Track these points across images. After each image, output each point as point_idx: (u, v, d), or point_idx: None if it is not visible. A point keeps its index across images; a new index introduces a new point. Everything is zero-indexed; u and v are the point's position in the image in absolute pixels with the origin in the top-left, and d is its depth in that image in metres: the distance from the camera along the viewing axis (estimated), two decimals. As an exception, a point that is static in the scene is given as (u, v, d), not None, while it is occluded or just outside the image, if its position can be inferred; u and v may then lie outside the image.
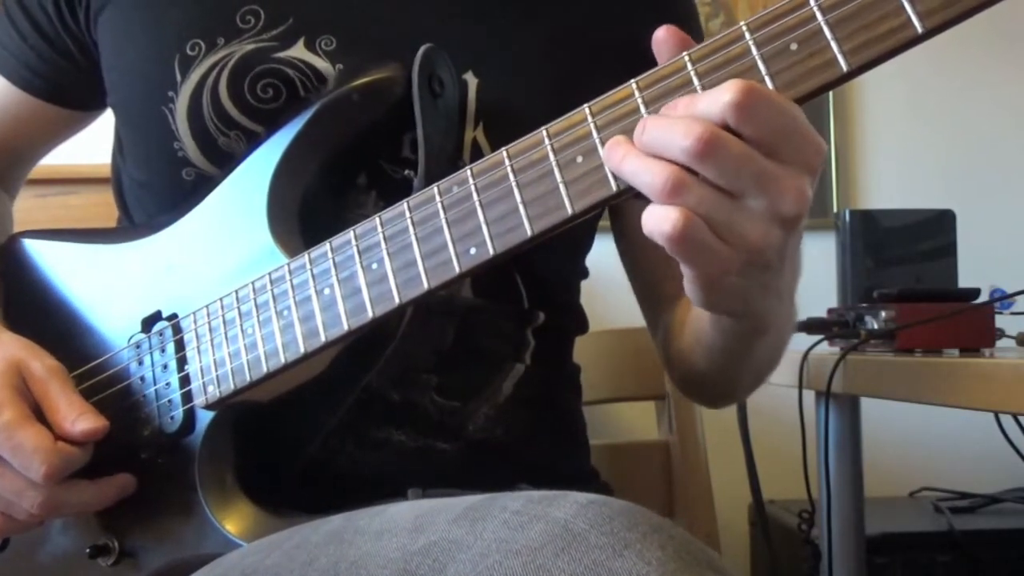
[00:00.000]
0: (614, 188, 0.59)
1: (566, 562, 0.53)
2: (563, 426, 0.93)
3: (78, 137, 1.01)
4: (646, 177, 0.56)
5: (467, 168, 0.65)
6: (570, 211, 0.61)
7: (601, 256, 0.97)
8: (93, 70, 0.88)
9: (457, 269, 0.65)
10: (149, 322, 0.79)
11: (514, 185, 0.62)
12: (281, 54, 0.79)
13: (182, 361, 0.77)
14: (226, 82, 0.79)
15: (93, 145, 1.12)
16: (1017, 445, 1.68)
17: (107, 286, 0.84)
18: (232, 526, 0.74)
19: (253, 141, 0.79)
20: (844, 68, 0.54)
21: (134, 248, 0.83)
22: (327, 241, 0.71)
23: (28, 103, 0.93)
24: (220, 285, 0.76)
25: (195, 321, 0.77)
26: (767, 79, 0.56)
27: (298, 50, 0.80)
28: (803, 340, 1.33)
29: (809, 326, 1.32)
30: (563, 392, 0.93)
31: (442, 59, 0.77)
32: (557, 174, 0.61)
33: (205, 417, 0.76)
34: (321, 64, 0.79)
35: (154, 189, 0.86)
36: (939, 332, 1.23)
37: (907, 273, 1.51)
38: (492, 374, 0.85)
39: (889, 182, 2.23)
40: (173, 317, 0.78)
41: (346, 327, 0.69)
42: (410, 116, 0.76)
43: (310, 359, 0.71)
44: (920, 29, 0.53)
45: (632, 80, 0.59)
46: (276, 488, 0.78)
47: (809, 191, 0.57)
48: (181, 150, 0.81)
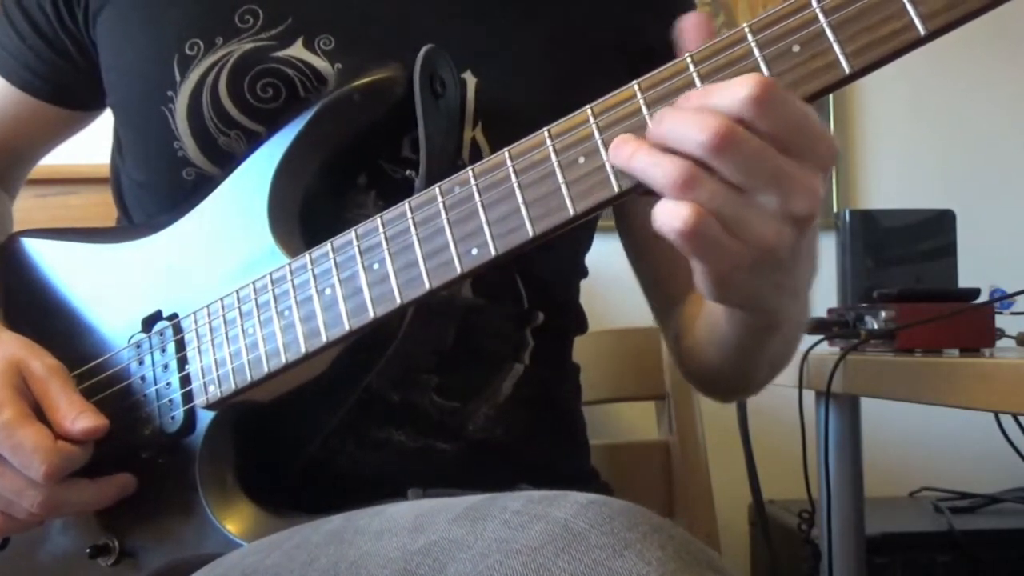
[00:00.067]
0: (616, 189, 0.59)
1: (566, 562, 0.53)
2: (563, 426, 0.93)
3: (78, 137, 1.01)
4: (657, 172, 0.55)
5: (469, 168, 0.65)
6: (572, 212, 0.61)
7: (601, 256, 0.97)
8: (92, 70, 0.88)
9: (459, 269, 0.65)
10: (149, 322, 0.79)
11: (516, 186, 0.63)
12: (280, 53, 0.79)
13: (183, 361, 0.77)
14: (225, 81, 0.79)
15: (93, 145, 1.12)
16: (1017, 445, 1.68)
17: (107, 286, 0.84)
18: (232, 526, 0.74)
19: (253, 141, 0.79)
20: (846, 70, 0.54)
21: (134, 248, 0.83)
22: (328, 241, 0.71)
23: (28, 104, 0.93)
24: (221, 285, 0.75)
25: (196, 321, 0.76)
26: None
27: (297, 49, 0.80)
28: (803, 340, 1.32)
29: (809, 326, 1.32)
30: (563, 392, 0.93)
31: (443, 59, 0.77)
32: (559, 175, 0.61)
33: (206, 417, 0.76)
34: (320, 64, 0.79)
35: (154, 189, 0.86)
36: (939, 332, 1.23)
37: (907, 273, 1.51)
38: (492, 374, 0.85)
39: (889, 182, 2.23)
40: (174, 317, 0.78)
41: (347, 327, 0.69)
42: (410, 116, 0.76)
43: (311, 359, 0.71)
44: (922, 31, 0.53)
45: (634, 81, 0.59)
46: (276, 488, 0.78)
47: (821, 190, 0.56)
48: (181, 150, 0.81)
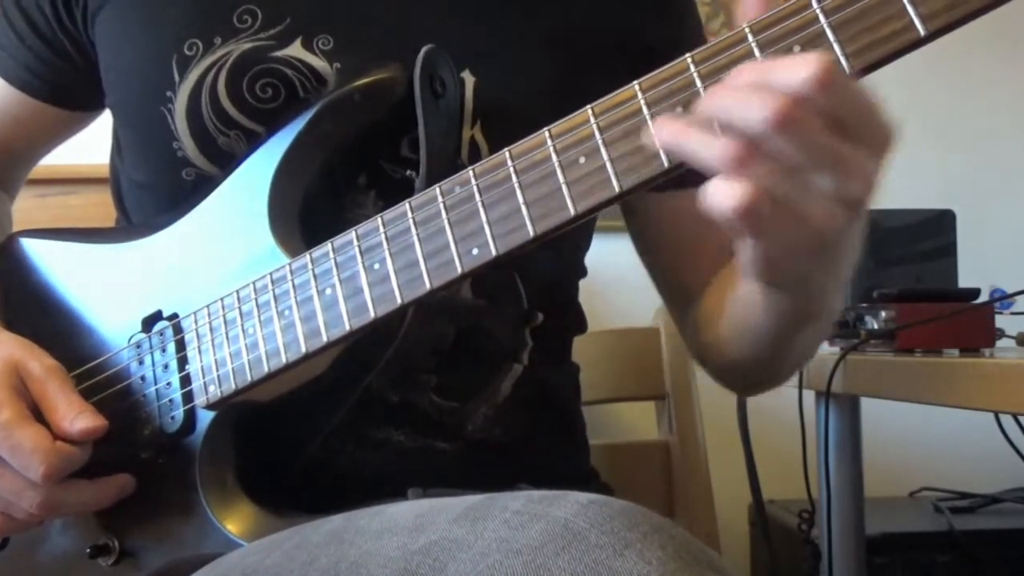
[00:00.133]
0: (616, 189, 0.59)
1: (566, 561, 0.53)
2: (562, 426, 0.93)
3: (78, 137, 1.00)
4: (709, 150, 0.53)
5: (469, 168, 0.65)
6: (572, 212, 0.61)
7: (601, 256, 0.97)
8: (92, 71, 0.88)
9: (459, 269, 0.65)
10: (149, 322, 0.79)
11: (516, 186, 0.63)
12: (279, 53, 0.79)
13: (183, 361, 0.77)
14: (224, 81, 0.79)
15: (93, 145, 1.12)
16: (1017, 445, 1.68)
17: (107, 286, 0.83)
18: (233, 526, 0.74)
19: (253, 140, 0.79)
20: (847, 70, 0.54)
21: (134, 248, 0.82)
22: (329, 241, 0.71)
23: (27, 104, 0.93)
24: (221, 285, 0.75)
25: (196, 321, 0.76)
26: (769, 80, 0.56)
27: (295, 49, 0.79)
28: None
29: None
30: (562, 392, 0.93)
31: (443, 59, 0.77)
32: (559, 175, 0.61)
33: (206, 417, 0.76)
34: (319, 63, 0.79)
35: (154, 189, 0.86)
36: (939, 332, 1.23)
37: (907, 273, 1.51)
38: (491, 374, 0.85)
39: (889, 182, 2.23)
40: (174, 317, 0.78)
41: (348, 327, 0.69)
42: (410, 116, 0.76)
43: (311, 359, 0.71)
44: (923, 32, 0.53)
45: (635, 81, 0.59)
46: (276, 488, 0.78)
47: (877, 175, 0.55)
48: (180, 150, 0.81)
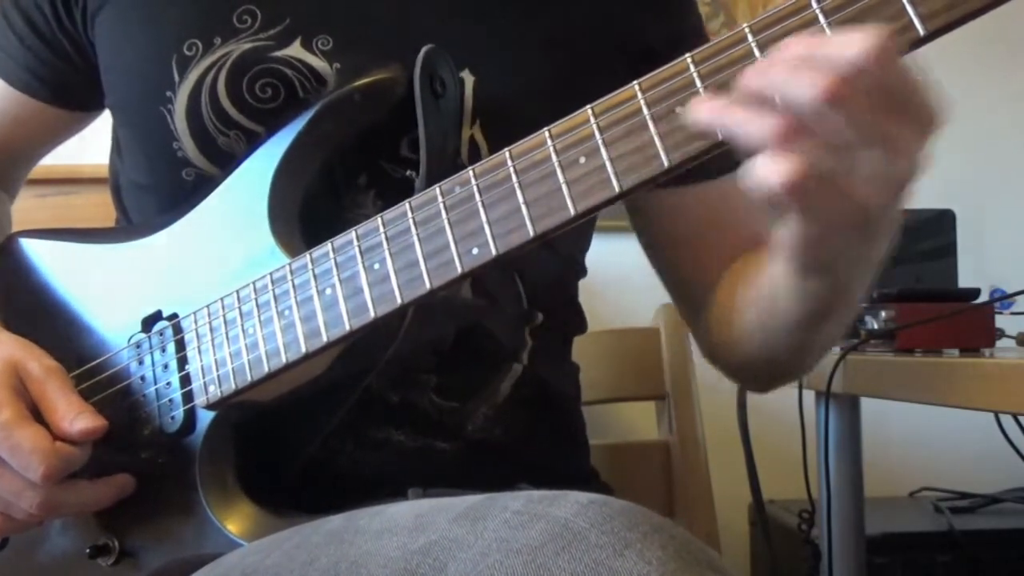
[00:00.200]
0: (616, 189, 0.59)
1: (567, 561, 0.53)
2: (562, 426, 0.93)
3: (78, 137, 1.00)
4: (755, 125, 0.53)
5: (469, 168, 0.65)
6: (572, 212, 0.61)
7: (601, 256, 0.96)
8: (91, 71, 0.88)
9: (459, 269, 0.65)
10: (149, 322, 0.79)
11: (516, 186, 0.63)
12: (278, 53, 0.79)
13: (183, 361, 0.77)
14: (224, 82, 0.79)
15: (93, 145, 1.12)
16: (1017, 445, 1.68)
17: (107, 286, 0.83)
18: (233, 526, 0.74)
19: (253, 141, 0.79)
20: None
21: (134, 248, 0.82)
22: (329, 241, 0.71)
23: (28, 105, 0.93)
24: (221, 285, 0.75)
25: (196, 321, 0.76)
26: (769, 80, 0.56)
27: (295, 49, 0.79)
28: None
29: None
30: (562, 392, 0.93)
31: (443, 59, 0.77)
32: (559, 175, 0.61)
33: (206, 417, 0.76)
34: (318, 63, 0.79)
35: (154, 189, 0.86)
36: (939, 332, 1.23)
37: (907, 273, 1.51)
38: (490, 374, 0.85)
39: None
40: (174, 317, 0.78)
41: (348, 327, 0.69)
42: (410, 116, 0.76)
43: (311, 359, 0.71)
44: (922, 31, 0.53)
45: (635, 81, 0.59)
46: (276, 488, 0.78)
47: (923, 154, 0.54)
48: (180, 150, 0.81)
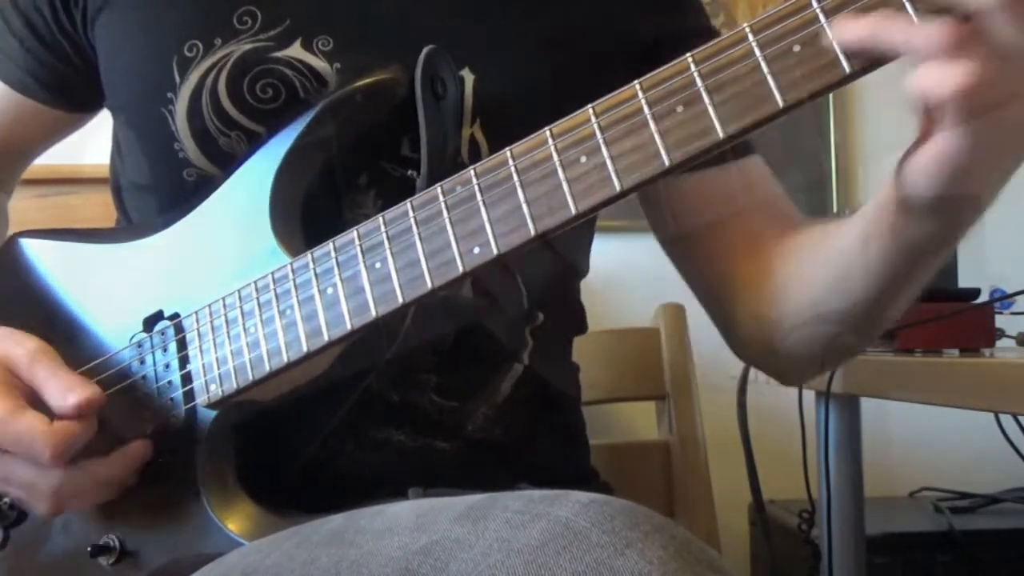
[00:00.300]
0: (617, 188, 0.59)
1: (568, 561, 0.53)
2: (563, 426, 0.93)
3: (78, 137, 1.01)
4: (921, 35, 0.51)
5: (470, 168, 0.65)
6: (573, 211, 0.61)
7: (601, 256, 0.96)
8: (91, 72, 0.88)
9: (460, 268, 0.65)
10: (151, 321, 0.79)
11: (517, 185, 0.63)
12: (279, 54, 0.79)
13: (184, 360, 0.77)
14: (225, 82, 0.79)
15: (93, 145, 1.12)
16: (1017, 445, 1.68)
17: (108, 285, 0.83)
18: (234, 525, 0.74)
19: (254, 141, 0.79)
20: (847, 69, 0.54)
21: (136, 247, 0.83)
22: (330, 240, 0.71)
23: (26, 106, 0.93)
24: (222, 284, 0.75)
25: (197, 320, 0.76)
26: (770, 80, 0.56)
27: (295, 50, 0.79)
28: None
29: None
30: (563, 392, 0.93)
31: (444, 60, 0.77)
32: (560, 174, 0.61)
33: (207, 416, 0.76)
34: (319, 64, 0.79)
35: (155, 190, 0.86)
36: (939, 332, 1.23)
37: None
38: (491, 374, 0.85)
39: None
40: (175, 316, 0.78)
41: (349, 326, 0.69)
42: (411, 115, 0.76)
43: (312, 358, 0.71)
44: (923, 30, 0.53)
45: (636, 81, 0.59)
46: (277, 488, 0.78)
47: None
48: (182, 151, 0.81)
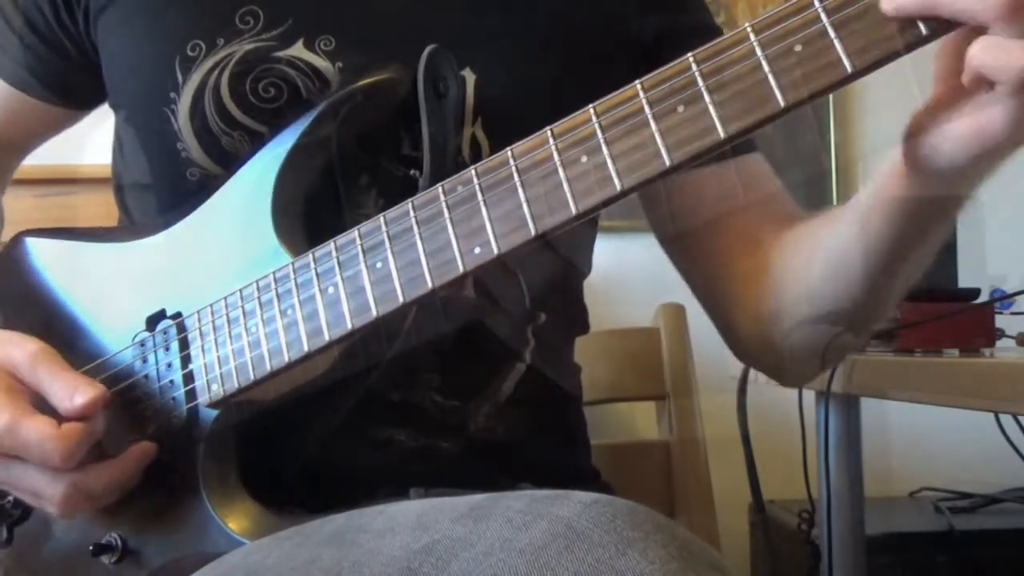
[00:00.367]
0: (618, 187, 0.59)
1: (569, 560, 0.53)
2: (564, 426, 0.93)
3: (78, 137, 1.01)
4: (986, 2, 0.51)
5: (471, 168, 0.65)
6: (574, 210, 0.61)
7: (601, 256, 0.96)
8: (92, 70, 0.88)
9: (461, 268, 0.65)
10: (153, 320, 0.79)
11: (518, 184, 0.63)
12: (281, 53, 0.79)
13: (186, 359, 0.77)
14: (227, 82, 0.79)
15: (93, 145, 1.13)
16: (1017, 445, 1.68)
17: (111, 284, 0.83)
18: (235, 524, 0.74)
19: (257, 140, 0.79)
20: (849, 69, 0.54)
21: (138, 247, 0.83)
22: (331, 240, 0.71)
23: (25, 102, 0.93)
24: (224, 284, 0.75)
25: (199, 319, 0.77)
26: (771, 79, 0.56)
27: (298, 49, 0.79)
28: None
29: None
30: (564, 392, 0.93)
31: (446, 60, 0.77)
32: (561, 173, 0.61)
33: (208, 415, 0.76)
34: (321, 63, 0.79)
35: (157, 190, 0.86)
36: (939, 332, 1.24)
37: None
38: (493, 374, 0.85)
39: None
40: (177, 315, 0.78)
41: (350, 326, 0.69)
42: (412, 115, 0.76)
43: (313, 358, 0.72)
44: (925, 31, 0.53)
45: (637, 81, 0.59)
46: (278, 487, 0.78)
47: None
48: (184, 150, 0.81)
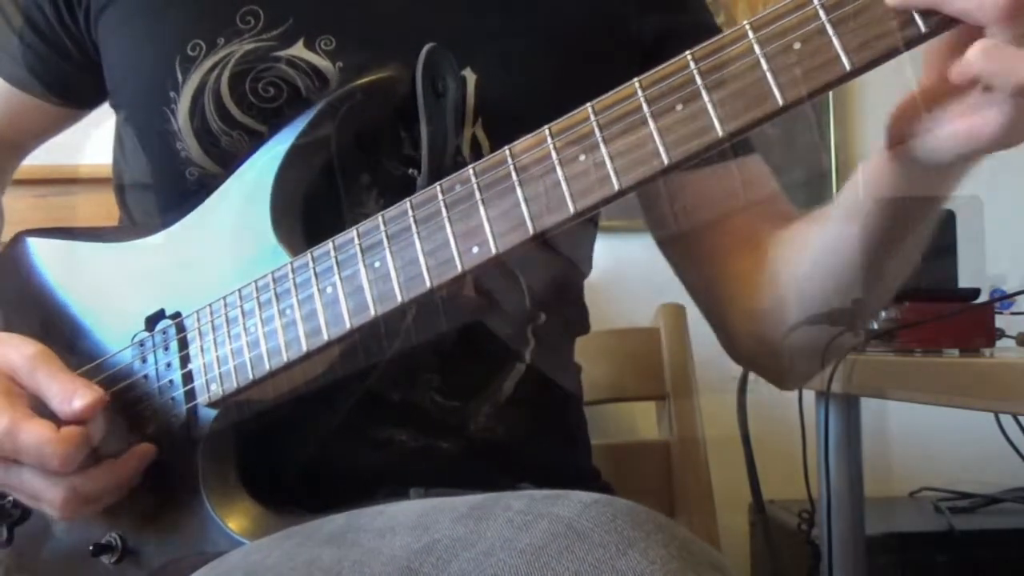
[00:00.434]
0: (616, 186, 0.59)
1: (570, 560, 0.53)
2: (564, 426, 0.93)
3: (78, 137, 1.01)
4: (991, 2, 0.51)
5: (470, 167, 0.65)
6: (572, 210, 0.61)
7: (601, 256, 0.96)
8: (91, 68, 0.88)
9: (459, 268, 0.65)
10: (153, 320, 0.79)
11: (516, 183, 0.63)
12: (281, 53, 0.79)
13: (185, 359, 0.77)
14: (227, 82, 0.79)
15: (93, 145, 1.13)
16: (1017, 445, 1.68)
17: (111, 284, 0.84)
18: (235, 524, 0.74)
19: (256, 140, 0.79)
20: (847, 67, 0.54)
21: (137, 247, 0.83)
22: (330, 240, 0.71)
23: (25, 101, 0.93)
24: (223, 283, 0.75)
25: (198, 319, 0.77)
26: (770, 77, 0.56)
27: (298, 49, 0.80)
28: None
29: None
30: (565, 391, 0.93)
31: (445, 58, 0.77)
32: (559, 172, 0.61)
33: (208, 415, 0.76)
34: (322, 63, 0.79)
35: (156, 189, 0.86)
36: (939, 332, 1.24)
37: (907, 273, 1.50)
38: (493, 373, 0.85)
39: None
40: (177, 315, 0.78)
41: (348, 325, 0.69)
42: (412, 114, 0.76)
43: (312, 357, 0.72)
44: (924, 28, 0.53)
45: (635, 79, 0.59)
46: (278, 487, 0.78)
47: None
48: (184, 150, 0.81)
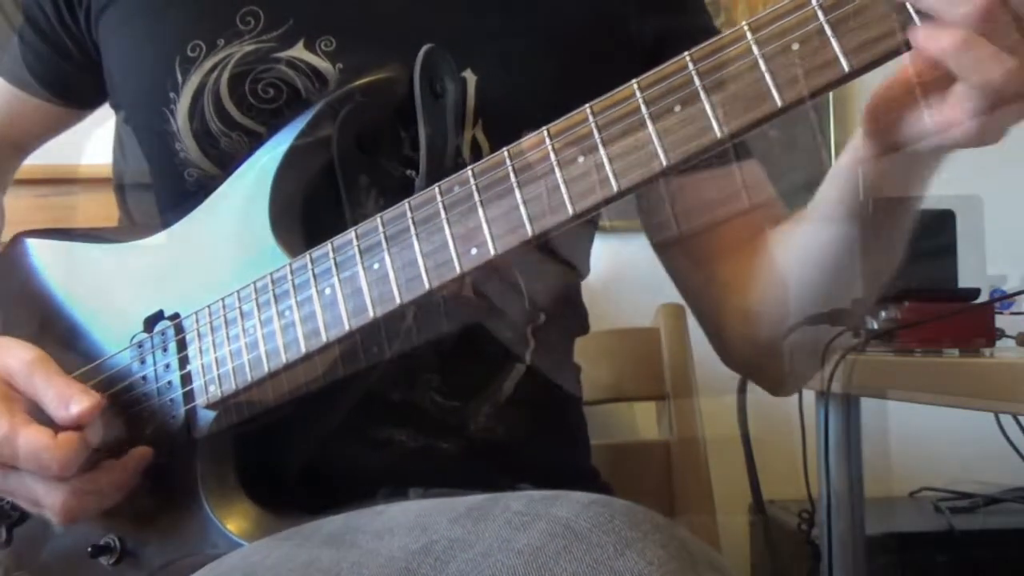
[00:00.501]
0: (615, 188, 0.59)
1: (568, 561, 0.53)
2: (564, 426, 0.93)
3: (78, 137, 1.01)
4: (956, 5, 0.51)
5: (468, 168, 0.65)
6: (571, 211, 0.61)
7: (601, 256, 0.96)
8: (92, 69, 0.88)
9: (458, 269, 0.65)
10: (151, 321, 0.79)
11: (515, 185, 0.63)
12: (281, 54, 0.79)
13: (184, 360, 0.77)
14: (227, 83, 0.79)
15: (93, 145, 1.13)
16: (1017, 445, 1.68)
17: (110, 285, 0.84)
18: (233, 525, 0.74)
19: (255, 141, 0.79)
20: (846, 68, 0.54)
21: (137, 247, 0.83)
22: (329, 241, 0.71)
23: (26, 101, 0.94)
24: (222, 285, 0.75)
25: (197, 320, 0.76)
26: (768, 78, 0.56)
27: (298, 50, 0.80)
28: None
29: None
30: (564, 392, 0.93)
31: (444, 59, 0.77)
32: (558, 174, 0.61)
33: (207, 416, 0.76)
34: (321, 64, 0.79)
35: (156, 190, 0.86)
36: (939, 332, 1.24)
37: (907, 273, 1.50)
38: (493, 374, 0.85)
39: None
40: (175, 317, 0.78)
41: (347, 327, 0.69)
42: (411, 115, 0.76)
43: (311, 359, 0.72)
44: (922, 29, 0.53)
45: (633, 80, 0.59)
46: (277, 488, 0.78)
47: None
48: (183, 151, 0.81)
